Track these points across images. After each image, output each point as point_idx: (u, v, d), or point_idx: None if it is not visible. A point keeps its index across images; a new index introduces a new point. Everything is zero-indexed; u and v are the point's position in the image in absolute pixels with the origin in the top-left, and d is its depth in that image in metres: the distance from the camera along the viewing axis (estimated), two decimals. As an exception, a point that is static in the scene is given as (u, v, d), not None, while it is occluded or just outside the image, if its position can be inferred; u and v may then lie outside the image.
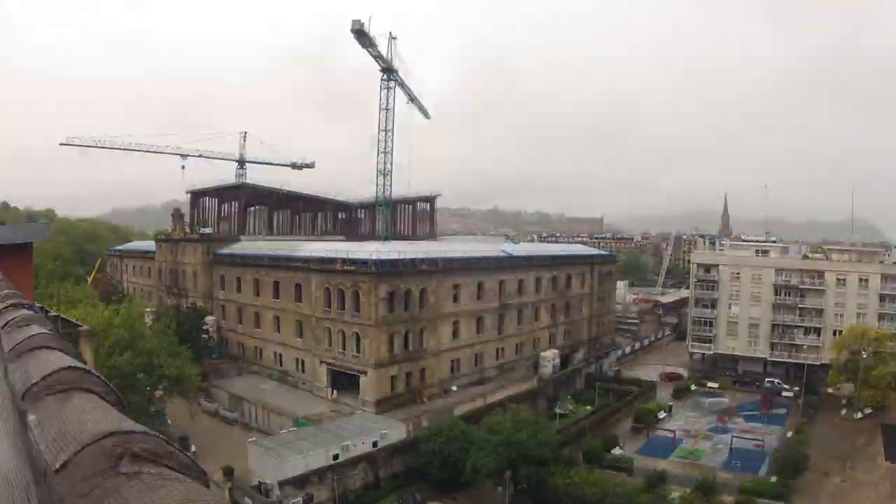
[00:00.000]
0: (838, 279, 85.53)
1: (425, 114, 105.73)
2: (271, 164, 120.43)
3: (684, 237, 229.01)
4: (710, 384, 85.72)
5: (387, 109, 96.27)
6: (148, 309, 77.90)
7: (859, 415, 66.80)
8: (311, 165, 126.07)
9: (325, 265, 67.20)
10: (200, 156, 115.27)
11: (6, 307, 4.52)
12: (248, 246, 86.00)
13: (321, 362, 66.56)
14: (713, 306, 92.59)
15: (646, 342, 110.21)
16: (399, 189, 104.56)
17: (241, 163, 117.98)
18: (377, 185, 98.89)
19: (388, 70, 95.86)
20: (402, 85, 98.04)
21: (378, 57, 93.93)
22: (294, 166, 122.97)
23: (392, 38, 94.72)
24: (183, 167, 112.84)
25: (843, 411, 72.09)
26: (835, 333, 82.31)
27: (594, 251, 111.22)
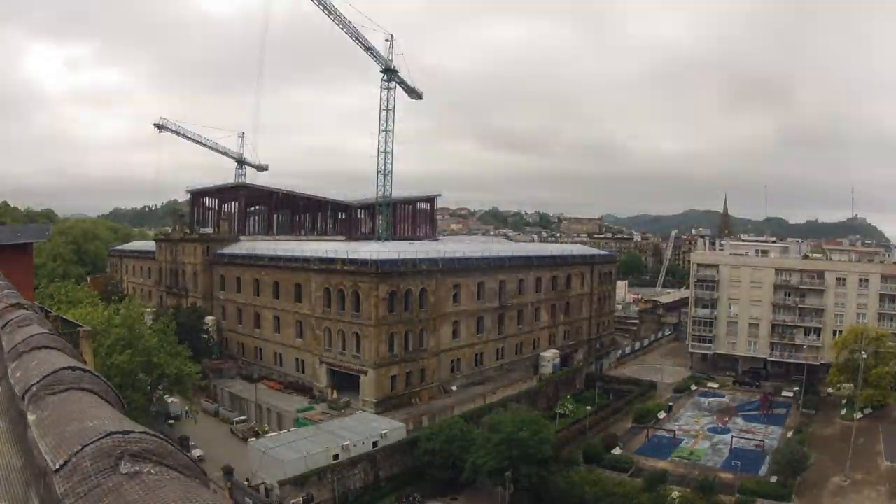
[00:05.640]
0: (838, 279, 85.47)
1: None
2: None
3: (684, 237, 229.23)
4: (710, 384, 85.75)
5: (387, 109, 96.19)
6: (148, 309, 77.92)
7: (859, 415, 66.73)
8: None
9: (325, 265, 67.20)
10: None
11: (6, 307, 4.53)
12: (247, 246, 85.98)
13: (321, 362, 66.58)
14: (713, 306, 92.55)
15: (646, 342, 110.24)
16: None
17: (241, 163, 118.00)
18: (377, 185, 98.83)
19: (388, 70, 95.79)
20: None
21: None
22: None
23: (389, 39, 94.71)
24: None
25: (843, 411, 72.07)
26: (835, 333, 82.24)
27: (594, 251, 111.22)
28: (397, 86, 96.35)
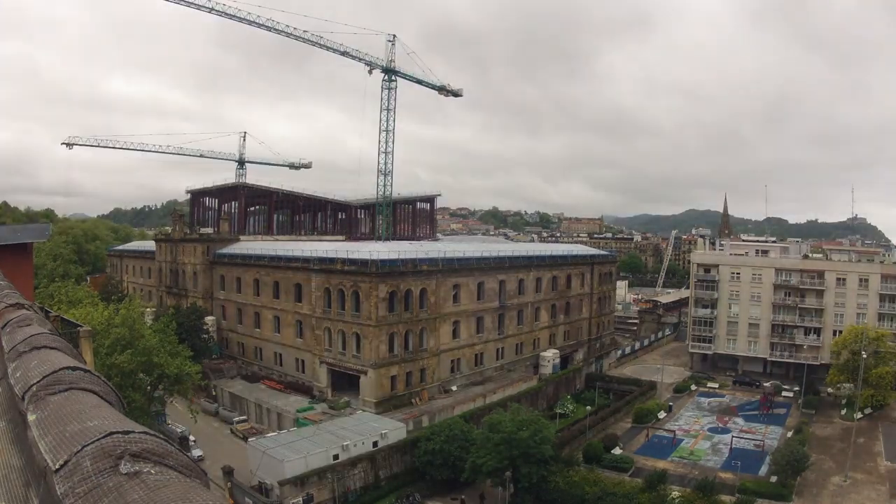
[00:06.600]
0: (838, 279, 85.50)
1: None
2: (269, 164, 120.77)
3: (684, 237, 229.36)
4: (710, 384, 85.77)
5: (387, 109, 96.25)
6: (148, 309, 77.89)
7: (859, 415, 66.77)
8: (308, 166, 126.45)
9: (325, 265, 67.18)
10: (201, 156, 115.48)
11: (6, 307, 4.53)
12: (247, 246, 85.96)
13: (321, 362, 66.57)
14: (713, 306, 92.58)
15: (646, 342, 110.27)
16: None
17: (241, 163, 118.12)
18: (377, 185, 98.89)
19: (389, 71, 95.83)
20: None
21: None
22: (292, 166, 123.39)
23: (391, 39, 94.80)
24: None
25: (843, 411, 72.11)
26: (835, 333, 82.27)
27: (594, 251, 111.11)
28: (398, 86, 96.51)
